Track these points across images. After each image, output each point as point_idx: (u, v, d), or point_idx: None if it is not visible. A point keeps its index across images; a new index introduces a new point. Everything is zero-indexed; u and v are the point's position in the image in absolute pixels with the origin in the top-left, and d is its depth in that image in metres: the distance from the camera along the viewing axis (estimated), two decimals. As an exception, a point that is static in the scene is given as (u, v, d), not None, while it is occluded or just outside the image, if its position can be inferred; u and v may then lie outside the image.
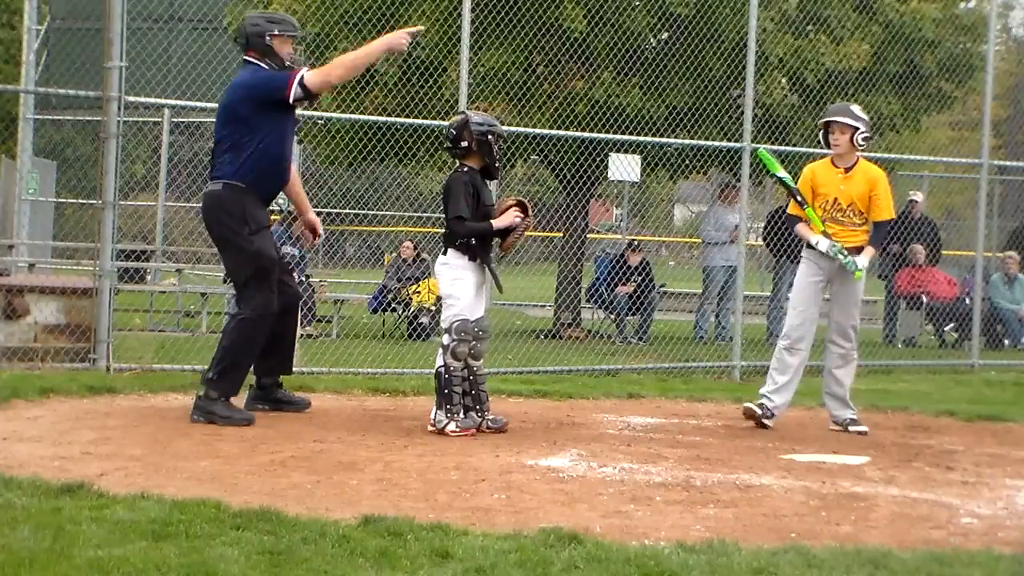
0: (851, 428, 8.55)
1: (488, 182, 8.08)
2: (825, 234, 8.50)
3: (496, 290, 8.18)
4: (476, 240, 7.84)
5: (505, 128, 8.44)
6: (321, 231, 8.68)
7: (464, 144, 7.96)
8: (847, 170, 8.56)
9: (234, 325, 8.02)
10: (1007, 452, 7.95)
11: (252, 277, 7.93)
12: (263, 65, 8.06)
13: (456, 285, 7.86)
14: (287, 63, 8.07)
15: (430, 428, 7.77)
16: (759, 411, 8.56)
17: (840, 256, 8.42)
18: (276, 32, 8.07)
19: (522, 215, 7.89)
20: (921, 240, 16.51)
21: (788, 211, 8.93)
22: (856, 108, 8.69)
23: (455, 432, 7.68)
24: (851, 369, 8.69)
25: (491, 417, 7.94)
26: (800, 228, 8.66)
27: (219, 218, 8.01)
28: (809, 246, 8.61)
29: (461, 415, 7.78)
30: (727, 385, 11.32)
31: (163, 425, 7.64)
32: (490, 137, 7.92)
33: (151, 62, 16.74)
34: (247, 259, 7.93)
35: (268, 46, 8.05)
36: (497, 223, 7.86)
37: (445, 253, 7.93)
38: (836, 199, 8.54)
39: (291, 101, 7.91)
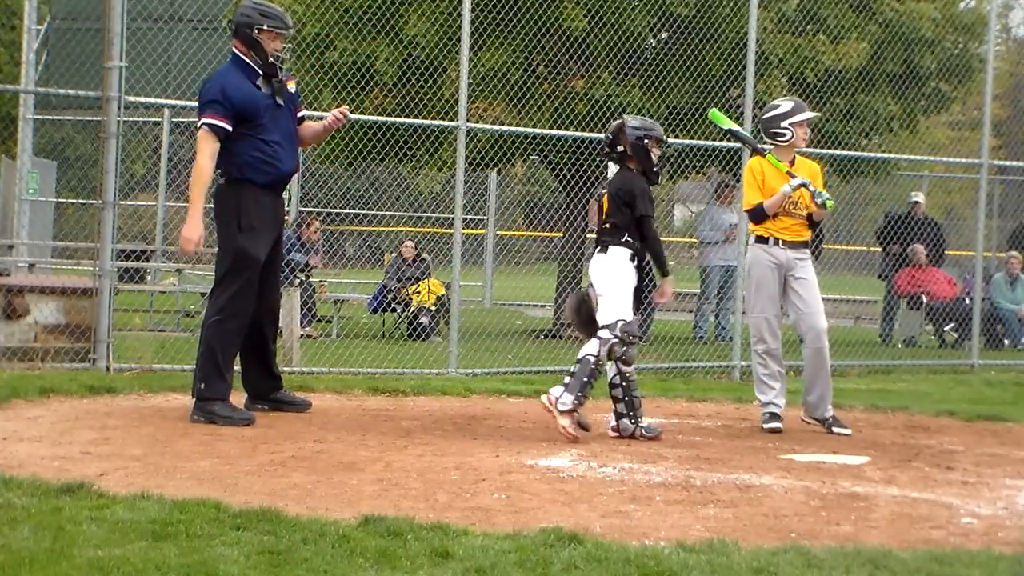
0: (835, 428, 8.44)
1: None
2: (789, 174, 8.39)
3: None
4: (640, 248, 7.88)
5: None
6: (347, 111, 8.50)
7: (620, 149, 7.99)
8: (791, 164, 8.49)
9: (207, 330, 7.98)
10: (1007, 452, 7.94)
11: (228, 273, 7.92)
12: (247, 60, 7.99)
13: (624, 284, 7.90)
14: (271, 59, 7.97)
15: (611, 434, 7.73)
16: (781, 424, 8.42)
17: (810, 187, 8.31)
18: (265, 27, 7.94)
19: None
20: (925, 240, 16.51)
21: (744, 208, 8.72)
22: None
23: (648, 435, 7.67)
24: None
25: (645, 424, 7.87)
26: (769, 203, 8.39)
27: (216, 211, 8.09)
28: (759, 239, 8.49)
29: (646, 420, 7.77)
30: (727, 385, 11.33)
31: (163, 425, 7.64)
32: (647, 142, 7.92)
33: (151, 62, 16.74)
34: (227, 253, 7.93)
35: (255, 40, 7.93)
36: (663, 280, 8.04)
37: (605, 251, 7.94)
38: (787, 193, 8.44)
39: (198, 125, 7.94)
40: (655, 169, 7.98)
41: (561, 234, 16.52)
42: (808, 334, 8.45)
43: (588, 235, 17.36)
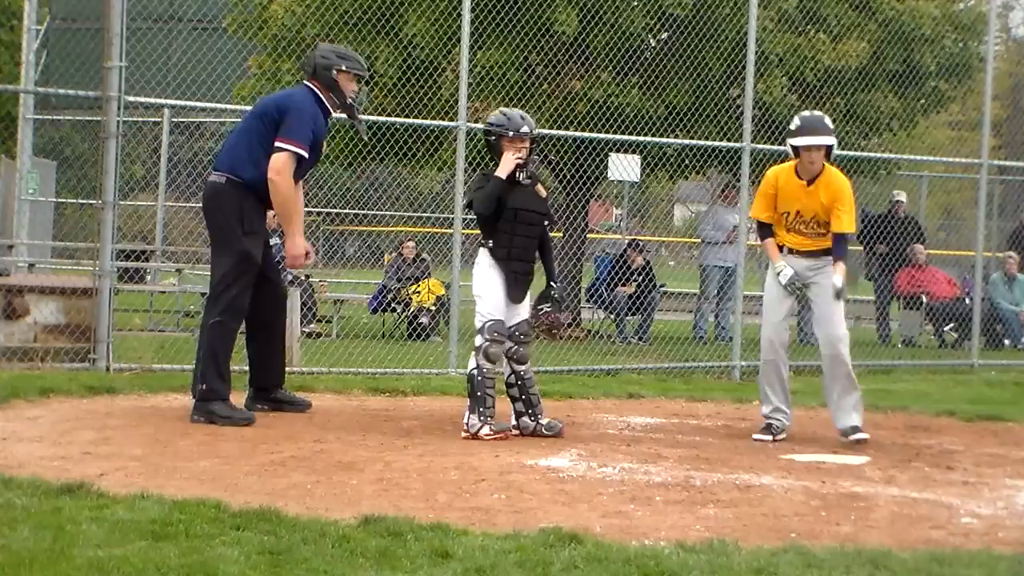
0: (850, 436, 8.18)
1: (527, 184, 7.88)
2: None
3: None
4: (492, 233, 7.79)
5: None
6: (312, 254, 8.54)
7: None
8: (810, 182, 8.08)
9: (207, 331, 8.00)
10: (1007, 452, 7.95)
11: (230, 274, 7.94)
12: (322, 96, 8.12)
13: (482, 285, 7.82)
14: (348, 100, 8.18)
15: (463, 434, 7.64)
16: (770, 437, 8.18)
17: (794, 286, 8.16)
18: (344, 68, 8.17)
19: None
20: (905, 240, 16.47)
21: (751, 215, 8.64)
22: (828, 120, 8.17)
23: (489, 436, 7.57)
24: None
25: (545, 422, 7.84)
26: (768, 244, 8.31)
27: (216, 210, 8.06)
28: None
29: (494, 418, 7.69)
30: (727, 385, 11.33)
31: (163, 425, 7.64)
32: (492, 139, 7.89)
33: (151, 62, 16.73)
34: (231, 255, 7.94)
35: (334, 80, 8.14)
36: (501, 170, 7.74)
37: (477, 255, 7.93)
38: (799, 212, 8.13)
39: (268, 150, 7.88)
40: (509, 167, 7.79)
41: (560, 234, 16.51)
42: (823, 342, 8.27)
43: (588, 235, 17.39)
